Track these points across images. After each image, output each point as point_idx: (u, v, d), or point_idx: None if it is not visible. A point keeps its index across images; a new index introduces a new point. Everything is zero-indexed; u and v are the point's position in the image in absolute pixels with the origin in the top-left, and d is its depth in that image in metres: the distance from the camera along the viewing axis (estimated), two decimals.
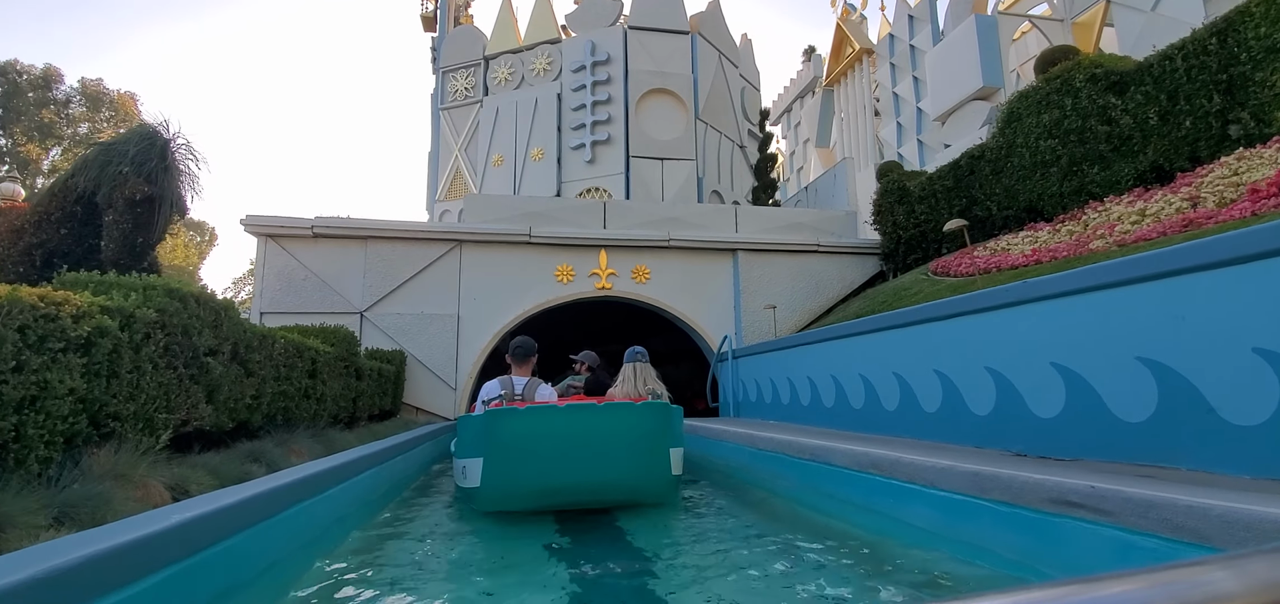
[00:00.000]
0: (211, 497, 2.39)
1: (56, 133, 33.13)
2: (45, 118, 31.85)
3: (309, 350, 4.96)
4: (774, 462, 4.38)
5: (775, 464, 4.36)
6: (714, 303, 10.23)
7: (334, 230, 9.04)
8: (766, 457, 4.52)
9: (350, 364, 6.06)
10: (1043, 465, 2.83)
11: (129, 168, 4.67)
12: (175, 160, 5.08)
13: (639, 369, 4.21)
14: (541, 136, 13.87)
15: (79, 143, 34.30)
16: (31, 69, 31.93)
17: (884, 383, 4.80)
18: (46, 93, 32.12)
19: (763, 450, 4.60)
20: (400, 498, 4.47)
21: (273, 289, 8.71)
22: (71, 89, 33.61)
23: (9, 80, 31.07)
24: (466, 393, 9.07)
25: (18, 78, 31.51)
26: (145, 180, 4.74)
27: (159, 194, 4.90)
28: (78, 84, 34.01)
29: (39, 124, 31.97)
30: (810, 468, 3.86)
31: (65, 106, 33.27)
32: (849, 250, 10.87)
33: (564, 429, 3.20)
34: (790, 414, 6.48)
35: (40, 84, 31.37)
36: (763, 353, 7.42)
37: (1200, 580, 0.34)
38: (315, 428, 5.05)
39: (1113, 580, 0.35)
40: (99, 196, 4.78)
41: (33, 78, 31.35)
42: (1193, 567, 0.35)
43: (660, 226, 10.28)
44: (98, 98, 34.76)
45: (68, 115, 33.74)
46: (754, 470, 4.71)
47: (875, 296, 7.66)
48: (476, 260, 9.52)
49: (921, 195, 9.56)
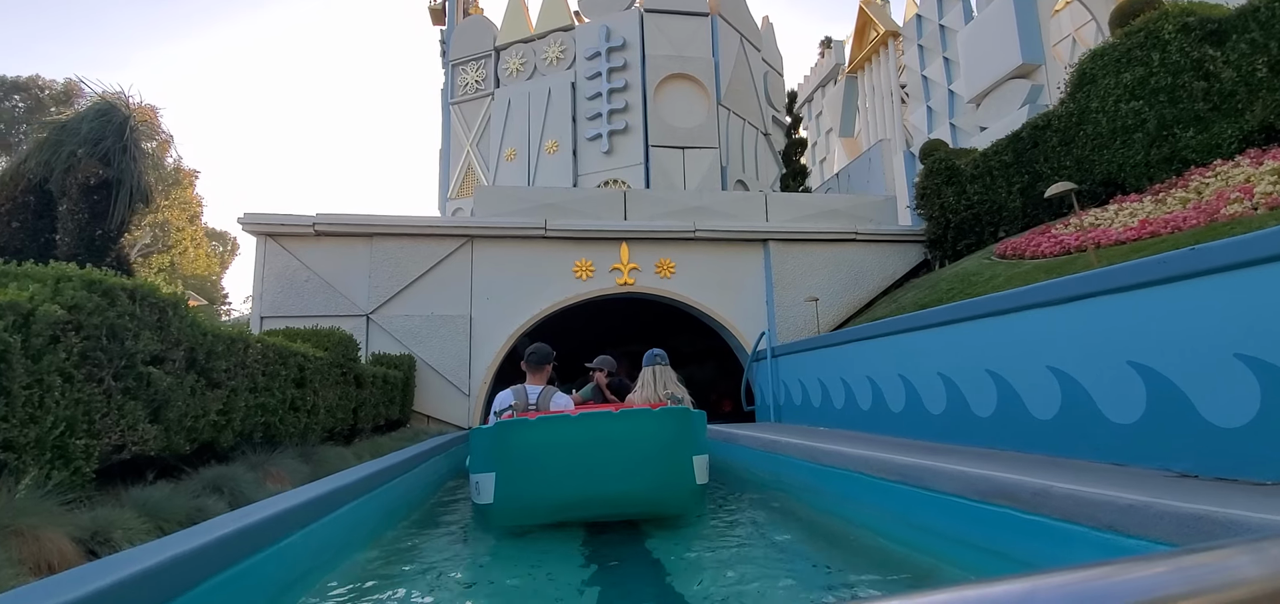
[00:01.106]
0: (105, 563, 1.71)
1: None
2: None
3: (295, 356, 4.30)
4: (847, 482, 3.61)
5: (849, 485, 3.59)
6: (744, 297, 9.46)
7: (337, 227, 8.43)
8: (836, 475, 3.75)
9: (348, 370, 5.41)
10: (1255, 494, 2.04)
11: (83, 149, 4.06)
12: (138, 139, 4.47)
13: (659, 372, 4.05)
14: (555, 128, 13.21)
15: None
16: (53, 84, 32.21)
17: (973, 383, 4.00)
18: (68, 107, 32.38)
19: (830, 467, 3.83)
20: (403, 524, 3.78)
21: (273, 292, 8.12)
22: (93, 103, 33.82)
23: (31, 96, 31.34)
24: (481, 399, 8.42)
25: (40, 93, 31.77)
26: (101, 162, 4.13)
27: (117, 177, 4.29)
28: (99, 97, 34.23)
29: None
30: (901, 492, 3.08)
31: None
32: (890, 238, 10.02)
33: (578, 439, 3.04)
34: (846, 419, 5.69)
35: (62, 99, 31.57)
36: (807, 350, 6.64)
37: (1222, 565, 0.35)
38: (305, 445, 4.39)
39: (1137, 564, 0.35)
40: (52, 183, 4.19)
41: (55, 93, 31.63)
42: (1214, 551, 0.36)
43: (685, 216, 9.53)
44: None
45: None
46: (820, 492, 3.94)
47: (934, 285, 6.82)
48: (489, 257, 8.86)
49: (974, 174, 8.69)
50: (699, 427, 3.56)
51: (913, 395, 4.63)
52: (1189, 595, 0.33)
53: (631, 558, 2.97)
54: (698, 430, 3.51)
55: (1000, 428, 3.77)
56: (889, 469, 3.22)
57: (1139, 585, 0.33)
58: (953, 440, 4.17)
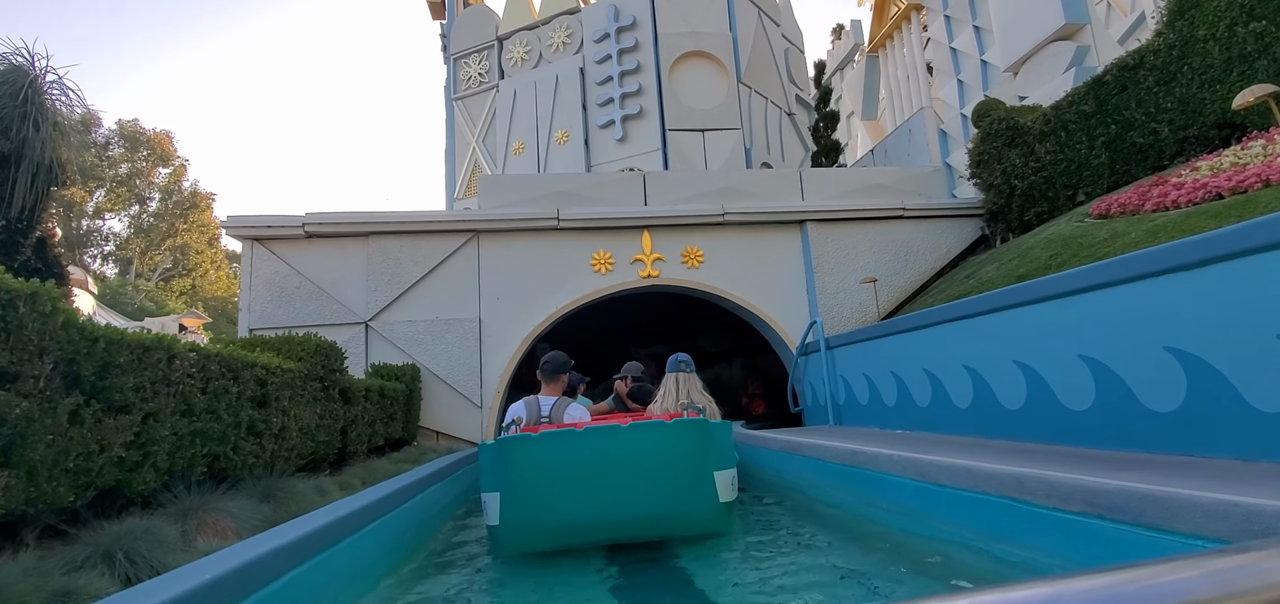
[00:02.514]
0: None
1: (98, 174, 33.46)
2: (86, 161, 32.19)
3: (252, 368, 3.44)
4: (995, 512, 2.61)
5: (997, 516, 2.59)
6: (781, 286, 8.48)
7: (329, 227, 7.63)
8: (984, 504, 2.74)
9: (331, 384, 4.54)
10: None
11: None
12: (48, 107, 3.68)
13: (682, 380, 3.86)
14: (565, 117, 12.35)
15: (121, 183, 34.66)
16: (70, 115, 32.27)
17: (1142, 369, 3.00)
18: (86, 136, 32.47)
19: (982, 494, 2.82)
20: (389, 582, 2.89)
21: (262, 301, 7.34)
22: (110, 131, 33.98)
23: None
24: (495, 410, 7.54)
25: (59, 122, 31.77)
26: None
27: (17, 151, 3.49)
28: (116, 126, 34.40)
29: (81, 167, 32.34)
30: (1104, 533, 2.09)
31: (105, 149, 33.60)
32: (942, 213, 8.98)
33: (584, 455, 2.81)
34: (931, 421, 4.68)
35: (80, 128, 31.61)
36: (871, 339, 5.64)
37: (1257, 568, 0.34)
38: (270, 477, 3.52)
39: (1166, 567, 0.34)
40: None
41: (72, 123, 31.66)
42: (1249, 553, 0.35)
43: (712, 199, 8.58)
44: (135, 138, 35.15)
45: (109, 157, 34.10)
46: (928, 517, 2.96)
47: (1023, 255, 5.75)
48: (498, 253, 7.99)
49: (1044, 132, 7.63)
50: (722, 438, 3.31)
51: (1038, 386, 3.62)
52: (1221, 598, 0.32)
53: None
54: (720, 443, 3.25)
55: (1188, 424, 2.77)
56: (1087, 498, 2.22)
57: (1167, 590, 0.32)
58: (1113, 445, 3.17)
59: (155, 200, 36.08)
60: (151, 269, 35.93)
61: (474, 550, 3.56)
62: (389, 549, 3.30)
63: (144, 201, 35.71)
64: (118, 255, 35.38)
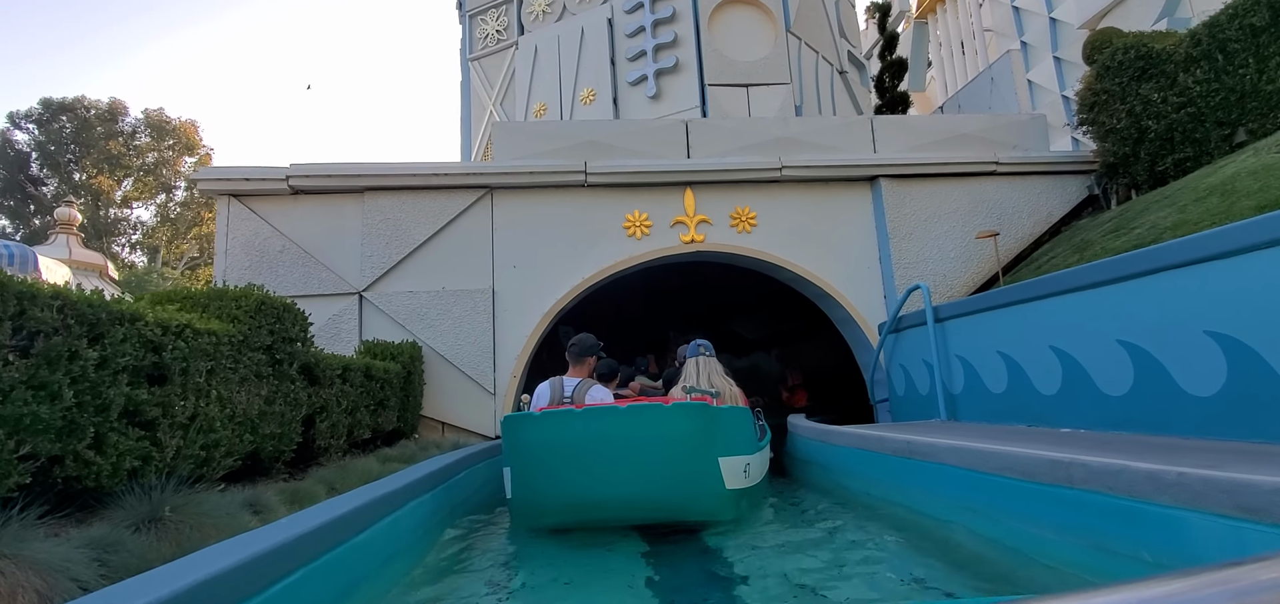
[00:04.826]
0: None
1: (125, 163, 33.36)
2: (113, 150, 32.26)
3: (131, 325, 2.25)
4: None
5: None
6: (848, 252, 7.12)
7: (317, 182, 6.50)
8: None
9: (286, 359, 3.36)
10: None
11: None
12: None
13: (701, 364, 3.90)
14: (591, 74, 11.07)
15: (148, 172, 34.61)
16: (98, 104, 32.44)
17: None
18: (113, 125, 32.52)
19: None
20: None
21: (239, 267, 6.24)
22: (136, 120, 33.87)
23: (78, 116, 31.49)
24: (510, 397, 6.36)
25: (86, 113, 31.97)
26: None
27: None
28: (142, 115, 34.29)
29: (108, 156, 32.43)
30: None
31: (132, 138, 33.49)
32: (1043, 168, 7.50)
33: (584, 436, 2.84)
34: (1113, 415, 3.30)
35: (107, 117, 31.73)
36: (1017, 303, 4.19)
37: None
38: (167, 490, 2.33)
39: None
40: None
41: (100, 112, 31.75)
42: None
43: (766, 150, 7.24)
44: (161, 127, 35.01)
45: (135, 146, 34.00)
46: None
47: (1230, 190, 4.24)
48: (514, 213, 6.78)
49: (1191, 57, 6.11)
50: (730, 424, 3.28)
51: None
52: None
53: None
54: (729, 429, 3.23)
55: None
56: None
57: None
58: None
59: (181, 189, 36.01)
60: (178, 258, 35.91)
61: None
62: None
63: (170, 190, 35.64)
64: (145, 244, 35.40)
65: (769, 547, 3.00)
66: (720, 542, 3.11)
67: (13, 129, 30.23)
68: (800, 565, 2.66)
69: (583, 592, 2.57)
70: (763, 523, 3.53)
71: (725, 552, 3.00)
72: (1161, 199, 5.21)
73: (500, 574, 2.85)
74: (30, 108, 31.09)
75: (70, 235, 20.12)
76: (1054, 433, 3.47)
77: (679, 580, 2.70)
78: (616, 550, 3.08)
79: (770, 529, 3.40)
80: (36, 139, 30.30)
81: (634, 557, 2.98)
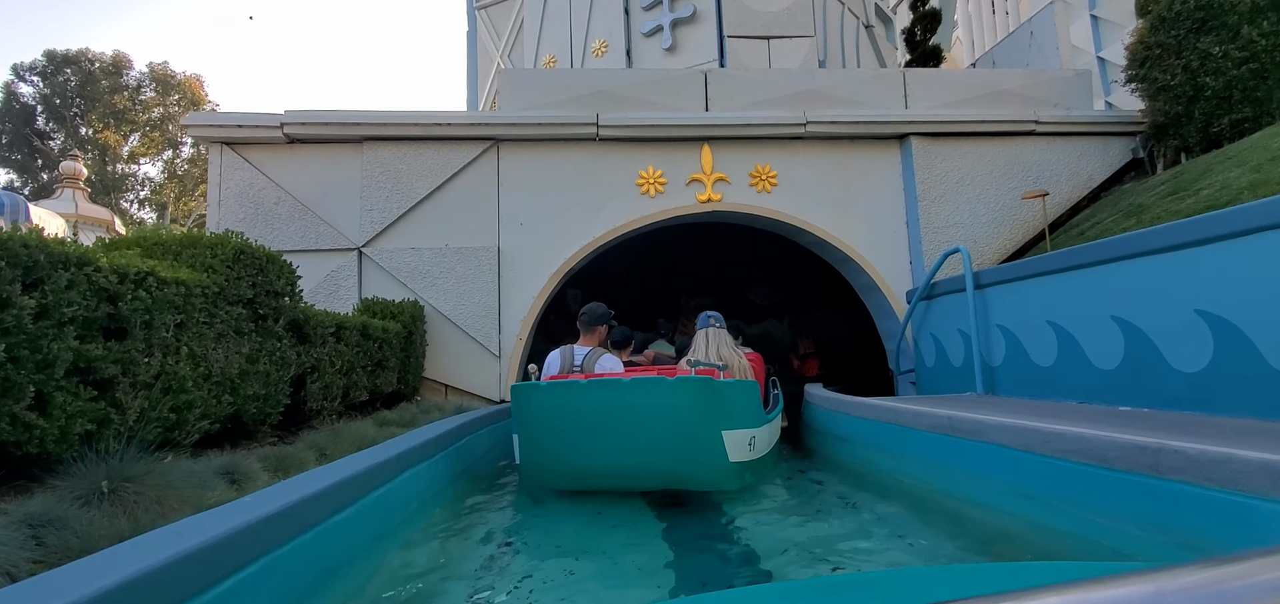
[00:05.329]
0: None
1: (131, 119, 32.98)
2: (118, 104, 31.90)
3: (80, 269, 1.96)
4: None
5: None
6: (873, 215, 6.72)
7: (315, 129, 6.15)
8: None
9: (271, 314, 3.08)
10: None
11: None
12: None
13: (711, 336, 3.84)
14: (603, 24, 10.54)
15: (154, 128, 34.22)
16: (102, 57, 31.90)
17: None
18: (118, 79, 32.06)
19: None
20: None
21: (232, 220, 5.95)
22: (141, 74, 33.34)
23: (82, 69, 31.03)
24: (516, 360, 6.10)
25: (90, 66, 31.48)
26: None
27: None
28: (146, 69, 33.74)
29: (113, 111, 32.06)
30: None
31: (137, 92, 33.02)
32: (1085, 129, 7.01)
33: (588, 406, 2.93)
34: (1185, 394, 2.96)
35: (111, 71, 31.24)
36: (1069, 269, 3.81)
37: None
38: (128, 458, 2.06)
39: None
40: None
41: (104, 65, 31.26)
42: None
43: (791, 104, 6.79)
44: (166, 81, 34.47)
45: (141, 101, 33.54)
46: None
47: None
48: (522, 166, 6.41)
49: (1257, 8, 5.58)
50: (734, 398, 3.21)
51: None
52: None
53: None
54: (732, 402, 3.18)
55: None
56: None
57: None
58: None
59: (188, 145, 35.65)
60: (186, 215, 35.76)
61: None
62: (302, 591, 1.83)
63: (176, 146, 35.31)
64: (154, 200, 35.25)
65: (796, 548, 2.70)
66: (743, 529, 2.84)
67: (17, 82, 29.83)
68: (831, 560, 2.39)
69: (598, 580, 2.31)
70: (783, 511, 3.26)
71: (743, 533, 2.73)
72: (1226, 159, 4.77)
73: (500, 553, 2.60)
74: (35, 60, 30.61)
75: (76, 190, 19.86)
76: (1113, 411, 3.14)
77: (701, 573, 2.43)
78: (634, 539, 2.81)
79: (793, 521, 3.11)
80: (41, 92, 29.92)
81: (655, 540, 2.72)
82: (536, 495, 3.44)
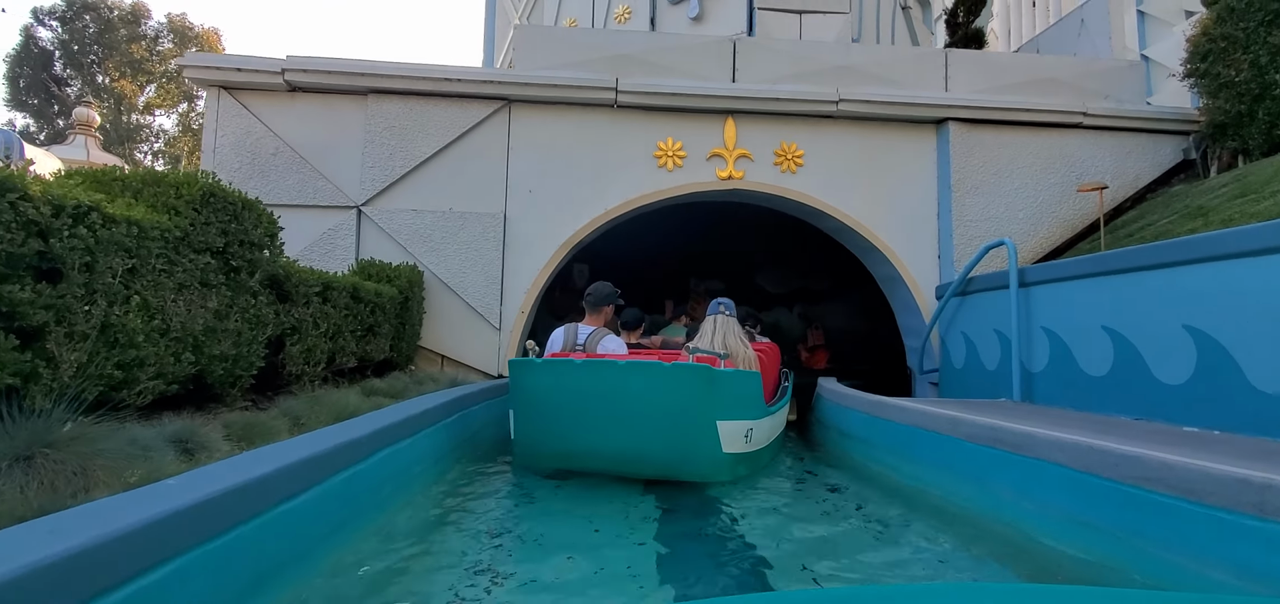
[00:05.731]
0: None
1: (148, 69, 32.76)
2: (136, 53, 31.66)
3: (10, 202, 1.66)
4: None
5: None
6: (903, 204, 6.33)
7: (316, 77, 5.82)
8: None
9: (245, 267, 2.78)
10: None
11: None
12: None
13: (719, 323, 3.74)
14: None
15: (170, 79, 34.02)
16: (120, 4, 31.63)
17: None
18: (136, 28, 31.77)
19: None
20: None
21: (229, 166, 5.66)
22: (159, 24, 33.04)
23: (101, 17, 30.76)
24: (517, 334, 5.81)
25: (109, 13, 31.19)
26: None
27: None
28: (164, 19, 33.43)
29: (130, 60, 31.84)
30: None
31: (155, 42, 32.76)
32: (1135, 125, 6.53)
33: (582, 386, 2.91)
34: (1269, 418, 2.60)
35: (130, 19, 30.96)
36: (1127, 271, 3.44)
37: None
38: (61, 419, 1.78)
39: None
40: None
41: (123, 13, 31.00)
42: None
43: (823, 79, 6.36)
44: (184, 33, 34.17)
45: (158, 52, 33.29)
46: None
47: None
48: (534, 130, 6.06)
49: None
50: (732, 388, 3.15)
51: None
52: None
53: None
54: (730, 393, 3.13)
55: None
56: None
57: None
58: None
59: (203, 99, 35.47)
60: (198, 170, 35.67)
61: None
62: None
63: (192, 100, 35.15)
64: (167, 152, 35.17)
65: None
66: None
67: (37, 26, 29.67)
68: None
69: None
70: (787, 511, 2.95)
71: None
72: None
73: (487, 547, 2.31)
74: (55, 4, 30.41)
75: (88, 137, 19.67)
76: (1176, 431, 2.79)
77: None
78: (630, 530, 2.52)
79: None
80: (60, 37, 29.75)
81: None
82: (528, 485, 3.16)
